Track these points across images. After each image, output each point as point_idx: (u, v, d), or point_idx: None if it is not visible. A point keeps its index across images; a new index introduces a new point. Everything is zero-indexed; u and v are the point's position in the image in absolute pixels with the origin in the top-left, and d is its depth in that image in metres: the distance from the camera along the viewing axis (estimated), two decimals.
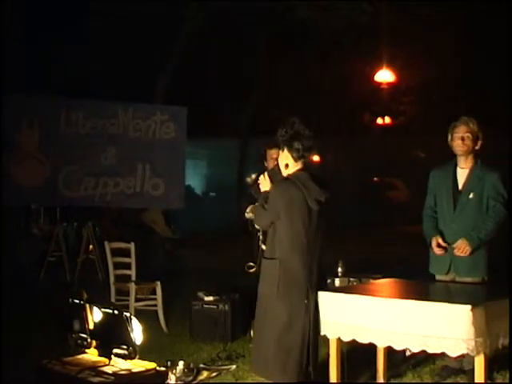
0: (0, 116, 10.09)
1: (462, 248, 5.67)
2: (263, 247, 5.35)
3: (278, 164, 5.42)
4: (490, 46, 16.48)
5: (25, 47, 14.23)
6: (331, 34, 16.17)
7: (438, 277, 5.89)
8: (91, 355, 5.12)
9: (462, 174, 5.86)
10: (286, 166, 5.25)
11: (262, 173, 5.60)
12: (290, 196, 5.12)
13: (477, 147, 5.81)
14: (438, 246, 5.79)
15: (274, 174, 5.40)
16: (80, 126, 10.89)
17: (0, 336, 6.60)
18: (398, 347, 4.88)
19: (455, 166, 5.89)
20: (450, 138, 5.87)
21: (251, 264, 5.39)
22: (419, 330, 4.71)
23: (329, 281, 7.30)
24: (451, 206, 5.82)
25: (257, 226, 5.52)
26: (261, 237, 5.26)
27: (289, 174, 5.25)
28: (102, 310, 5.05)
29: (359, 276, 7.61)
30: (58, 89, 12.99)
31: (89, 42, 15.12)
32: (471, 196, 5.77)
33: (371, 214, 22.95)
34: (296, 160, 5.23)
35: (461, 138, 5.78)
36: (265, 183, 5.34)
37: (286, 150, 5.24)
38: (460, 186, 5.84)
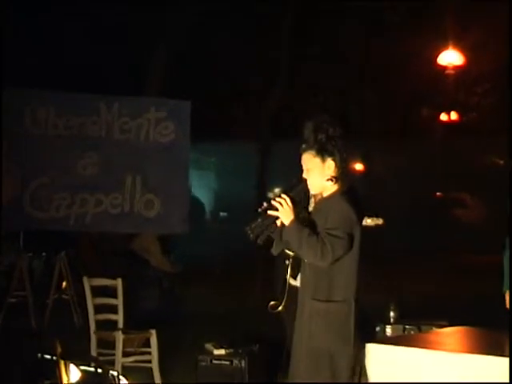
0: None
1: None
2: (292, 282, 5.25)
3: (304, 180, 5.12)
4: None
5: None
6: (378, 6, 16.15)
7: None
8: None
9: None
10: (334, 179, 5.03)
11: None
12: (356, 218, 5.02)
13: None
14: None
15: (297, 194, 5.09)
16: (50, 125, 10.91)
17: None
18: None
19: None
20: None
21: (276, 302, 5.29)
22: None
23: (378, 329, 7.30)
24: None
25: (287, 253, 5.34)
26: (289, 269, 5.13)
27: (337, 190, 5.06)
28: (81, 367, 5.05)
29: (418, 323, 7.61)
30: (23, 78, 13.06)
31: (68, 18, 15.26)
32: None
33: (431, 240, 22.91)
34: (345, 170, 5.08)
35: None
36: (286, 213, 4.96)
37: (329, 159, 5.02)
38: None
